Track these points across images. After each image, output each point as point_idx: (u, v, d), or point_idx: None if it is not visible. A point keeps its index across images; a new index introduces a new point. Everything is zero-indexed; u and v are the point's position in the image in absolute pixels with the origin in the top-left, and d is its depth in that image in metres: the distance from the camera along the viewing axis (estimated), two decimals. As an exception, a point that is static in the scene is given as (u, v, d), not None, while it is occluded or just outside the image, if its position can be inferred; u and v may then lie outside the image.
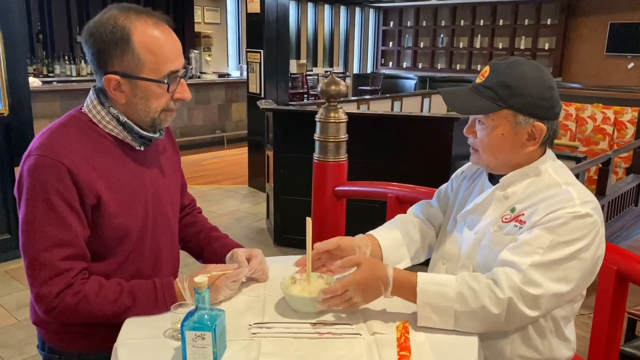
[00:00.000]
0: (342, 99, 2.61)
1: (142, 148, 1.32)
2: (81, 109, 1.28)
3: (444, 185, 1.55)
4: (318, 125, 2.52)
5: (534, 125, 1.21)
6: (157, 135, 1.32)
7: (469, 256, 1.31)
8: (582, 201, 1.17)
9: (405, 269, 1.30)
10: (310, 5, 10.79)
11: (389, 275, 1.18)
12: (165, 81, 1.22)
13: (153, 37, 1.19)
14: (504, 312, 1.13)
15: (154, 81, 1.21)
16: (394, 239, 1.46)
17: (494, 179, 1.33)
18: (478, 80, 1.25)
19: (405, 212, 1.60)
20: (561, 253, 1.13)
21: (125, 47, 1.18)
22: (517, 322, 1.18)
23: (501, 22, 10.27)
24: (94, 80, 1.28)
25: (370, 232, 1.47)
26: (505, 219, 1.25)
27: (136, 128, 1.26)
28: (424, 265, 1.45)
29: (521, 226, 1.21)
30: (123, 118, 1.25)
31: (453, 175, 1.52)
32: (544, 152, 1.28)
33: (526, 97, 1.19)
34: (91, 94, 1.28)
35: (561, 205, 1.16)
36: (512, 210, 1.25)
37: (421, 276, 1.18)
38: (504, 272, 1.14)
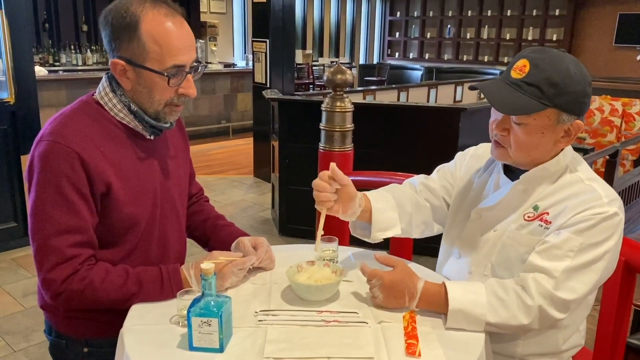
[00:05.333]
0: (348, 89, 2.59)
1: (152, 137, 1.31)
2: (93, 94, 1.28)
3: (446, 164, 1.48)
4: (324, 114, 2.51)
5: (573, 124, 1.18)
6: (167, 125, 1.31)
7: (487, 254, 1.28)
8: (609, 199, 1.15)
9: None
10: (316, -6, 10.72)
11: (418, 288, 1.16)
12: (166, 74, 1.20)
13: (162, 28, 1.18)
14: (535, 319, 1.12)
15: (155, 72, 1.20)
16: (385, 203, 1.38)
17: (510, 172, 1.29)
18: (516, 75, 1.15)
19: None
20: (591, 255, 1.13)
21: (133, 33, 1.17)
22: (548, 326, 1.18)
23: (509, 13, 10.16)
24: (100, 70, 1.28)
25: (364, 192, 1.40)
26: (528, 217, 1.22)
27: (147, 117, 1.26)
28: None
29: (547, 226, 1.18)
30: (134, 107, 1.25)
31: (457, 157, 1.46)
32: None
33: (572, 95, 1.14)
34: (104, 80, 1.27)
35: (589, 204, 1.14)
36: (535, 208, 1.22)
37: (450, 284, 1.17)
38: (533, 278, 1.13)
